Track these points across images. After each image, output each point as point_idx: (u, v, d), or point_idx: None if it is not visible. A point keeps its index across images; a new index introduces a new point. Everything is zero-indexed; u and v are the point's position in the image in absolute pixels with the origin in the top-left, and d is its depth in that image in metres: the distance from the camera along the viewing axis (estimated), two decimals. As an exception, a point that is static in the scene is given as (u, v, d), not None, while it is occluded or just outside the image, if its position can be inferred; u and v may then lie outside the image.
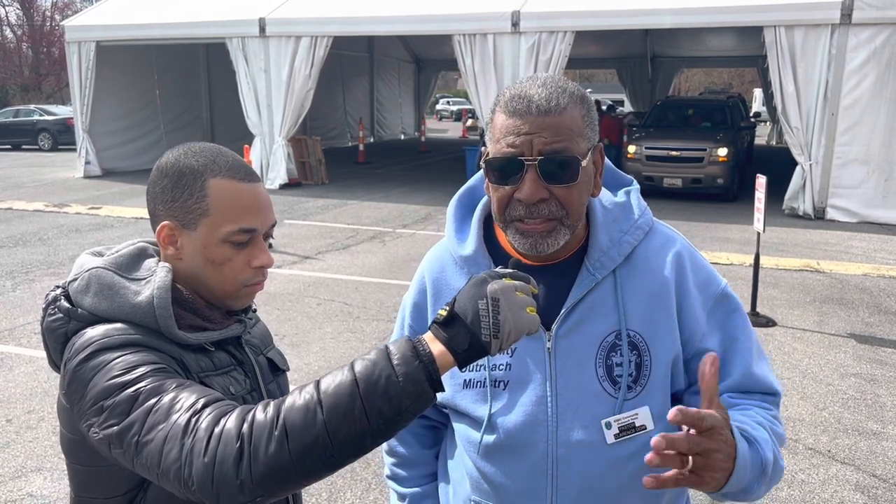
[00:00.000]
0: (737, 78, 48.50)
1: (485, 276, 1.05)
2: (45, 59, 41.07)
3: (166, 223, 1.21)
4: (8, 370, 4.99)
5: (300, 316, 6.21)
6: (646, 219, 1.33)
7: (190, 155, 1.22)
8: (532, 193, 1.19)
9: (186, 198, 1.20)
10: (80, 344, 1.12)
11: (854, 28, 10.29)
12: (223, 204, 1.20)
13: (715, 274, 1.35)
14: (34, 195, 13.09)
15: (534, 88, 1.20)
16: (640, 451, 1.26)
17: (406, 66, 26.52)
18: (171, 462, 0.98)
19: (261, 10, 13.57)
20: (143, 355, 1.10)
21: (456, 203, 1.43)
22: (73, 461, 1.19)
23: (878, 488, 3.57)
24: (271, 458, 0.95)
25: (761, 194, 5.95)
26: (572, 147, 1.19)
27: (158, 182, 1.22)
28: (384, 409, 0.96)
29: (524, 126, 1.18)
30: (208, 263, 1.21)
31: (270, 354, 1.38)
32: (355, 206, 11.88)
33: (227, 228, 1.20)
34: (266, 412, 0.98)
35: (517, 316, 1.02)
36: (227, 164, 1.22)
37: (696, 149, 12.13)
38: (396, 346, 1.00)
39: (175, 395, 1.03)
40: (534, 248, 1.24)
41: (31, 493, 3.49)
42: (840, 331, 5.86)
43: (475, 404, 1.33)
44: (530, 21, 11.89)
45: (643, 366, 1.27)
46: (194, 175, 1.20)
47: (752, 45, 19.62)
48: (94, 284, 1.18)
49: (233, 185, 1.21)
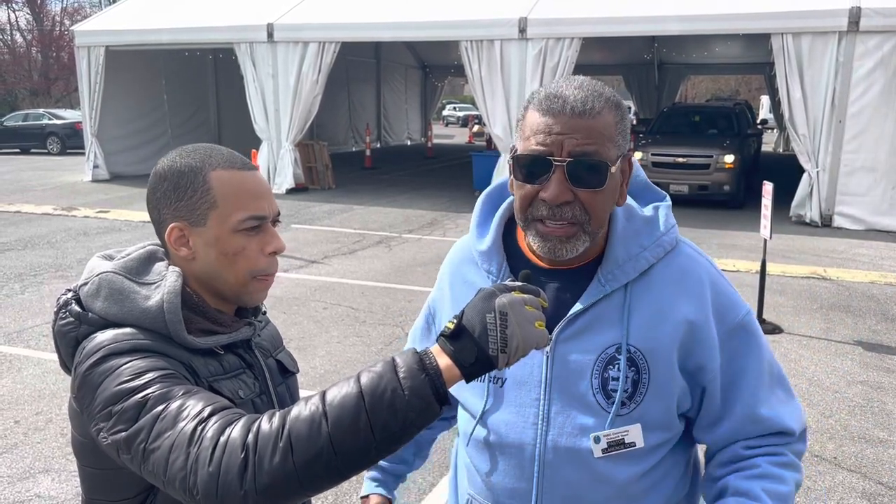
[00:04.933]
0: (744, 85, 48.41)
1: (493, 290, 1.04)
2: (54, 64, 41.29)
3: (175, 225, 1.21)
4: (16, 372, 5.02)
5: (306, 320, 6.23)
6: (670, 238, 1.29)
7: (185, 155, 1.22)
8: (557, 195, 1.17)
9: (191, 195, 1.19)
10: (90, 348, 1.12)
11: (861, 36, 10.27)
12: (229, 193, 1.19)
13: (737, 302, 1.30)
14: (43, 199, 13.16)
15: (570, 89, 1.19)
16: (628, 466, 1.26)
17: (413, 71, 26.58)
18: (177, 470, 0.98)
19: (269, 16, 13.63)
20: (151, 361, 1.10)
21: (484, 198, 1.42)
22: (85, 464, 1.19)
23: (884, 496, 3.56)
24: (275, 469, 0.95)
25: (768, 201, 5.94)
26: (602, 152, 1.17)
27: (159, 187, 1.22)
28: (389, 423, 0.96)
29: (556, 125, 1.17)
30: (223, 257, 1.20)
31: (280, 357, 1.38)
32: (362, 211, 11.90)
33: (238, 216, 1.19)
34: (272, 423, 0.98)
35: (525, 330, 1.01)
36: (222, 156, 1.22)
37: (702, 155, 12.09)
38: (403, 359, 1.00)
39: (182, 403, 1.04)
40: (552, 251, 1.22)
41: (38, 494, 3.51)
42: (847, 338, 5.85)
43: (473, 397, 1.34)
44: (537, 27, 11.92)
45: (640, 383, 1.24)
46: (194, 172, 1.20)
47: (759, 52, 19.62)
48: (105, 289, 1.18)
49: (234, 174, 1.21)
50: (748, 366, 1.28)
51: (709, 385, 1.28)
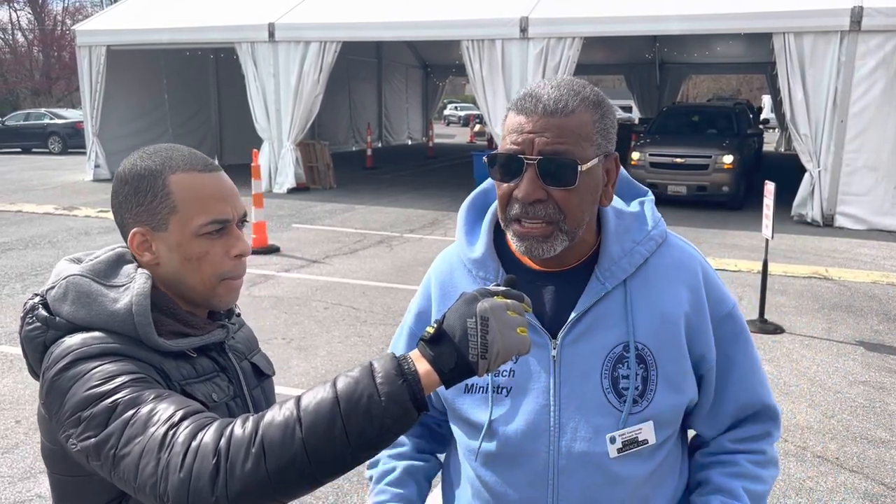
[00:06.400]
0: (745, 84, 48.40)
1: (475, 294, 1.02)
2: (55, 64, 41.33)
3: (137, 230, 1.19)
4: (17, 371, 5.02)
5: (307, 320, 6.23)
6: (659, 230, 1.31)
7: (145, 157, 1.20)
8: (529, 193, 1.18)
9: (150, 199, 1.17)
10: (58, 353, 1.10)
11: (863, 35, 10.26)
12: (188, 197, 1.17)
13: (726, 293, 1.34)
14: (44, 198, 13.17)
15: (545, 89, 1.20)
16: (640, 465, 1.26)
17: (414, 71, 26.58)
18: (148, 476, 0.96)
19: (270, 16, 13.63)
20: (121, 365, 1.08)
21: (468, 206, 1.42)
22: (55, 471, 1.17)
23: (886, 497, 3.55)
24: (248, 476, 0.93)
25: (770, 201, 5.93)
26: (575, 150, 1.17)
27: (120, 191, 1.20)
28: (365, 429, 0.94)
29: (528, 124, 1.18)
30: (186, 262, 1.18)
31: (255, 359, 1.36)
32: (363, 211, 11.90)
33: (199, 221, 1.17)
34: (244, 428, 0.96)
35: (507, 336, 0.99)
36: (183, 158, 1.19)
37: (700, 156, 11.93)
38: (381, 364, 0.98)
39: (153, 407, 1.01)
40: (529, 251, 1.23)
41: (39, 494, 3.51)
42: (848, 338, 5.84)
43: (476, 409, 1.30)
44: (538, 27, 11.91)
45: (649, 380, 1.25)
46: (153, 175, 1.17)
47: (760, 51, 19.62)
48: (72, 292, 1.15)
49: (194, 178, 1.18)
50: (738, 354, 1.33)
51: (707, 374, 1.31)
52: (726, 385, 1.32)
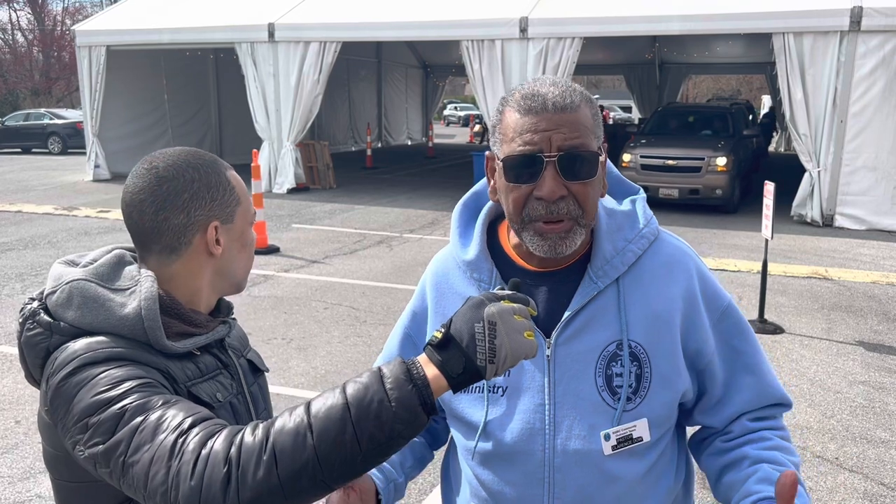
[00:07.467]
0: (745, 84, 48.40)
1: (482, 298, 1.03)
2: (55, 64, 41.33)
3: (215, 224, 1.21)
4: (17, 371, 5.02)
5: (307, 320, 6.23)
6: (651, 228, 1.32)
7: (199, 157, 1.23)
8: (553, 190, 1.17)
9: (222, 194, 1.23)
10: (64, 358, 1.09)
11: (863, 35, 10.27)
12: (242, 190, 1.28)
13: (721, 290, 1.35)
14: (44, 198, 13.17)
15: (546, 87, 1.20)
16: (635, 463, 1.26)
17: (414, 71, 26.58)
18: (158, 485, 0.96)
19: (270, 16, 13.64)
20: (128, 370, 1.07)
21: (461, 208, 1.42)
22: (58, 477, 1.17)
23: (886, 497, 3.55)
24: (260, 483, 0.93)
25: (770, 201, 5.93)
26: (589, 143, 1.19)
27: (187, 189, 1.19)
28: (376, 434, 0.95)
29: (541, 123, 1.17)
30: (243, 249, 1.28)
31: (249, 356, 1.38)
32: (363, 211, 11.91)
33: (252, 210, 1.29)
34: (255, 435, 0.96)
35: (514, 340, 1.00)
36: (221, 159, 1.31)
37: (693, 157, 11.52)
38: (389, 369, 0.98)
39: (162, 414, 1.01)
40: (552, 249, 1.22)
41: (39, 494, 3.51)
42: (848, 338, 5.84)
43: (471, 409, 1.31)
44: (538, 27, 11.91)
45: (643, 377, 1.25)
46: (218, 173, 1.23)
47: (760, 51, 19.63)
48: (77, 297, 1.14)
49: (236, 174, 1.29)
50: (743, 344, 1.33)
51: (707, 368, 1.31)
52: (736, 375, 1.33)
